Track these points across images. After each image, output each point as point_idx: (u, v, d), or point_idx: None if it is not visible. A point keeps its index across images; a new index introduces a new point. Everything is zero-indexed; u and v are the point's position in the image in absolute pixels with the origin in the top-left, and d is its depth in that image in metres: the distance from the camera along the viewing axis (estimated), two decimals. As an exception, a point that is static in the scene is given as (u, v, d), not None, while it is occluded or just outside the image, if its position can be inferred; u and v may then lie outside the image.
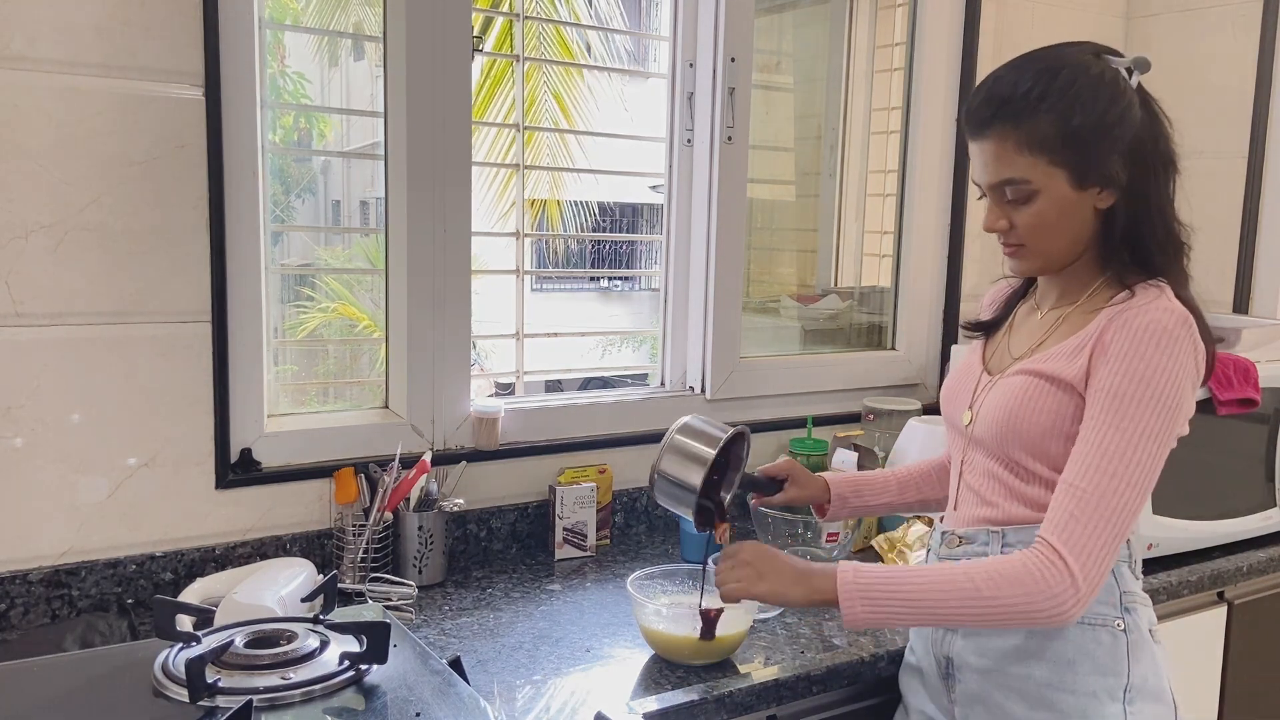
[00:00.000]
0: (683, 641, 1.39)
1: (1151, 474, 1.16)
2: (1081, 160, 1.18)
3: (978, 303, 1.52)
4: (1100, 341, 1.19)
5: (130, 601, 1.54)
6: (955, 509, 1.38)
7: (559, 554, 1.86)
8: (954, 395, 1.39)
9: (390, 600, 1.58)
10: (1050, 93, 1.18)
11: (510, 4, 2.23)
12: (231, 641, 1.14)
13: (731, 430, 1.37)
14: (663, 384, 2.18)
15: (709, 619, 1.37)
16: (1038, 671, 1.24)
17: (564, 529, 1.87)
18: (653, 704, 1.28)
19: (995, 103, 1.21)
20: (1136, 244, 1.23)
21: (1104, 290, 1.25)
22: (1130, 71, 1.21)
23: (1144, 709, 1.23)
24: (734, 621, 1.40)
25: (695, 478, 1.33)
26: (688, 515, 1.37)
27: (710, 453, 1.34)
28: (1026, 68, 1.21)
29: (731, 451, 1.40)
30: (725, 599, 1.29)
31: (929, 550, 1.42)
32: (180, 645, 1.16)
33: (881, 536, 1.83)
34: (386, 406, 1.85)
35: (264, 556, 1.64)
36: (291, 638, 1.17)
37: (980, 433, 1.30)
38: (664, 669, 1.40)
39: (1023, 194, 1.21)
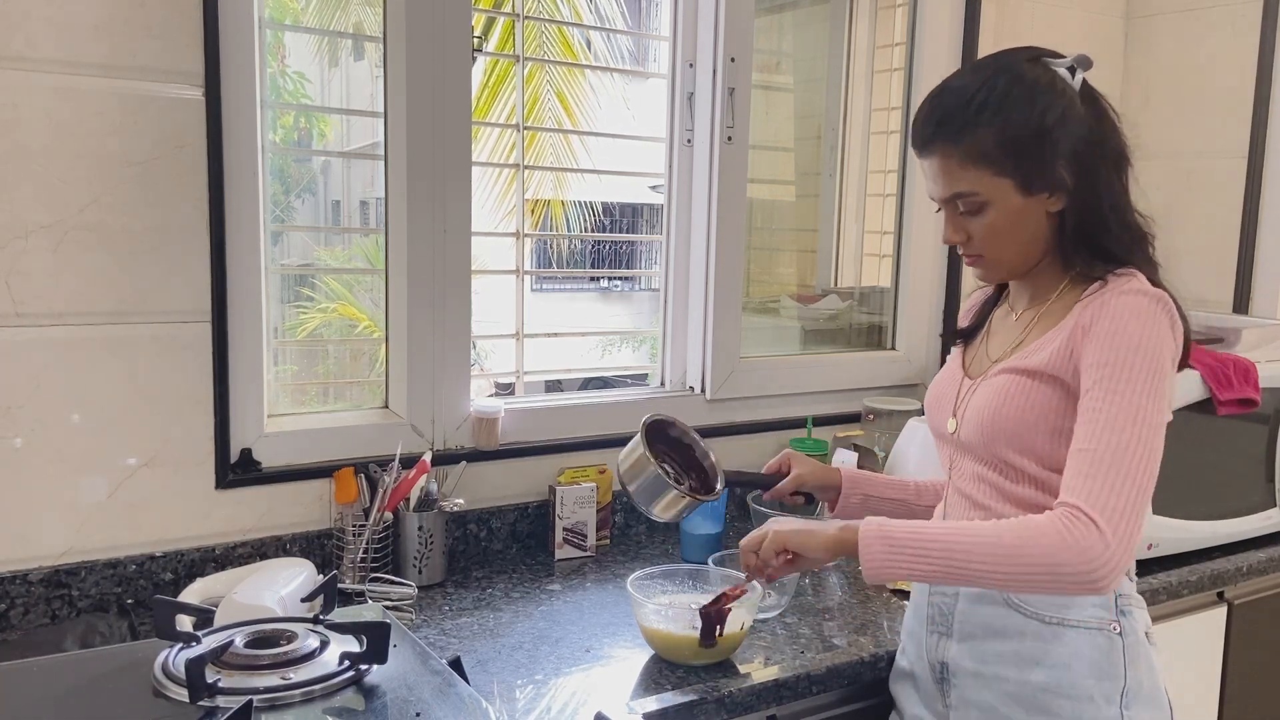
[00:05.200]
0: (683, 641, 1.39)
1: (1158, 434, 1.14)
2: (1026, 168, 1.19)
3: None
4: (1080, 327, 1.19)
5: (130, 601, 1.54)
6: (945, 517, 1.37)
7: (559, 554, 1.86)
8: (937, 403, 1.39)
9: (390, 600, 1.58)
10: (987, 105, 1.19)
11: (511, 4, 2.23)
12: (231, 641, 1.14)
13: (644, 420, 1.49)
14: (663, 384, 2.18)
15: (709, 622, 1.37)
16: (1035, 676, 1.24)
17: (564, 529, 1.87)
18: (653, 704, 1.28)
19: (935, 119, 1.23)
20: (1092, 241, 1.24)
21: (1073, 287, 1.26)
22: (1074, 70, 1.22)
23: (1141, 713, 1.23)
24: (734, 621, 1.39)
25: (651, 468, 1.43)
26: (681, 496, 1.45)
27: (640, 446, 1.45)
28: (963, 81, 1.23)
29: (668, 438, 1.52)
30: (770, 579, 1.35)
31: None
32: (180, 645, 1.16)
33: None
34: (386, 406, 1.85)
35: (264, 556, 1.64)
36: (291, 638, 1.17)
37: (966, 436, 1.30)
38: (664, 669, 1.40)
39: (973, 206, 1.23)
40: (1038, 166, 1.19)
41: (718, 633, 1.37)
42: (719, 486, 1.51)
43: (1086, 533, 1.08)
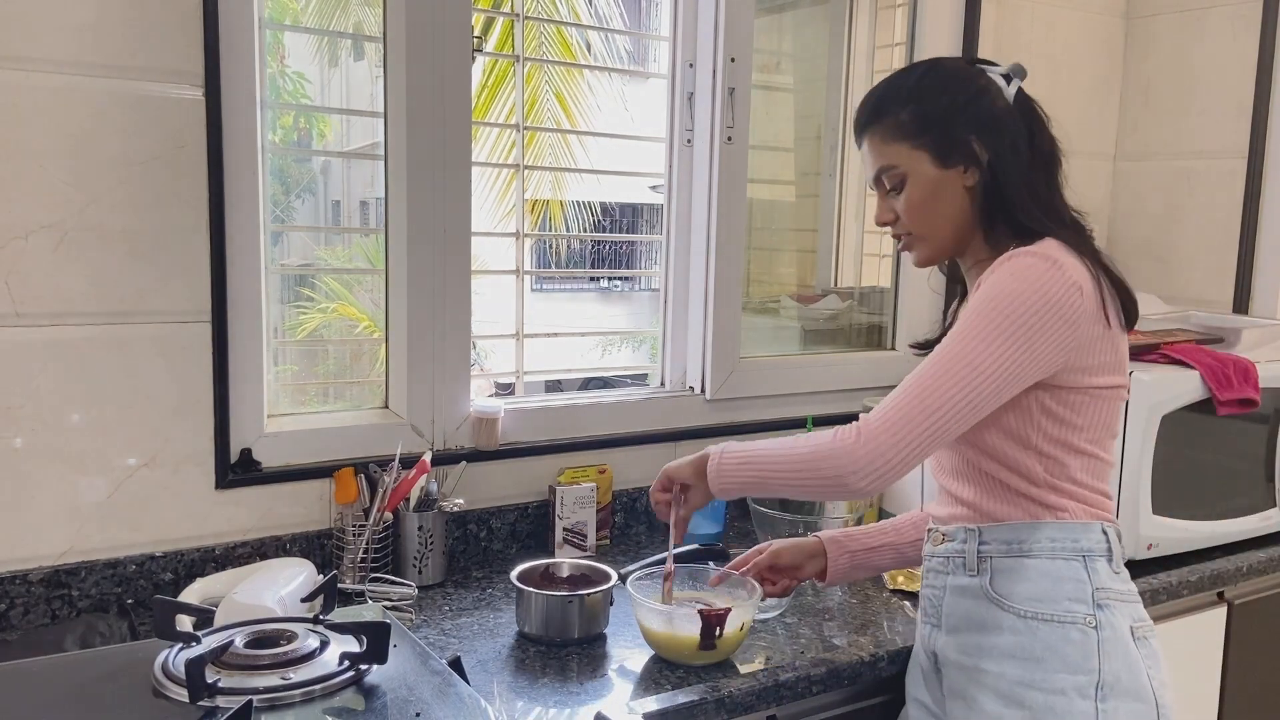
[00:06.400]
0: (683, 641, 1.39)
1: (979, 375, 1.18)
2: (939, 141, 1.28)
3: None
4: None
5: (130, 601, 1.54)
6: (937, 504, 1.41)
7: (559, 554, 1.86)
8: None
9: (390, 600, 1.58)
10: (904, 88, 1.31)
11: (511, 4, 2.23)
12: (231, 642, 1.14)
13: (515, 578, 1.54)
14: (663, 384, 2.18)
15: (709, 624, 1.37)
16: (1010, 669, 1.25)
17: (564, 529, 1.87)
18: (653, 704, 1.28)
19: (864, 110, 1.34)
20: (1009, 216, 1.29)
21: None
22: (1009, 79, 1.31)
23: (1119, 706, 1.22)
24: (734, 622, 1.39)
25: (543, 599, 1.49)
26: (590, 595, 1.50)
27: (527, 591, 1.51)
28: (894, 75, 1.35)
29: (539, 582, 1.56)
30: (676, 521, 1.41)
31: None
32: (180, 645, 1.16)
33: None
34: (386, 406, 1.85)
35: (264, 556, 1.64)
36: (291, 638, 1.17)
37: None
38: (664, 669, 1.40)
39: (896, 180, 1.31)
40: (950, 138, 1.27)
41: (717, 634, 1.37)
42: (612, 575, 1.55)
43: (845, 437, 1.19)
